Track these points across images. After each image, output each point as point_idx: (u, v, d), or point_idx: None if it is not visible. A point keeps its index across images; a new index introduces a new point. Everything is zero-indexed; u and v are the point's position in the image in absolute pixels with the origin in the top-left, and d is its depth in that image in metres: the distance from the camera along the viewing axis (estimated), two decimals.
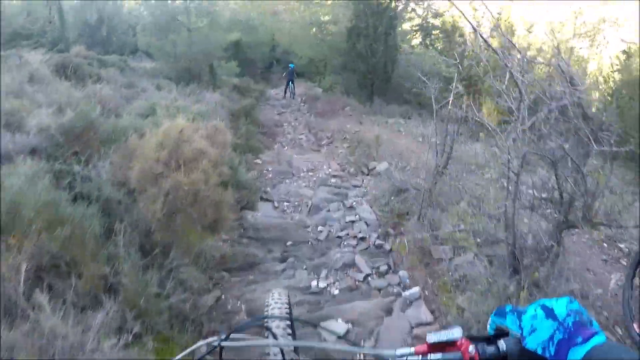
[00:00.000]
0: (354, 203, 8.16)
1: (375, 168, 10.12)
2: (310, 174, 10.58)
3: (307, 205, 8.21)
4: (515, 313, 1.29)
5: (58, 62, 13.09)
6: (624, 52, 23.61)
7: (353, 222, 7.33)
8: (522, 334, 1.23)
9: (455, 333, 1.19)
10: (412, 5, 22.16)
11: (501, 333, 1.30)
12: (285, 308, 2.62)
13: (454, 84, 7.01)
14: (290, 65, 23.48)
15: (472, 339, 1.21)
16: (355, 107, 17.31)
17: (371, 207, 7.84)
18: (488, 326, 1.32)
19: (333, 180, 10.03)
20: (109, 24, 25.41)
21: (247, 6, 24.34)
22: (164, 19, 17.54)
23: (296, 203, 8.43)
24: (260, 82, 27.15)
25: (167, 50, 17.10)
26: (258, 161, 11.17)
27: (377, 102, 16.29)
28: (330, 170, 10.81)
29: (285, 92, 23.21)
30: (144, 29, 17.42)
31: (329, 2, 19.47)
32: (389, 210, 7.33)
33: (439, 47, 23.36)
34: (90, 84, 11.81)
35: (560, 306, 1.24)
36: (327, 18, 19.53)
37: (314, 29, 19.53)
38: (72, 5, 25.22)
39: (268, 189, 9.41)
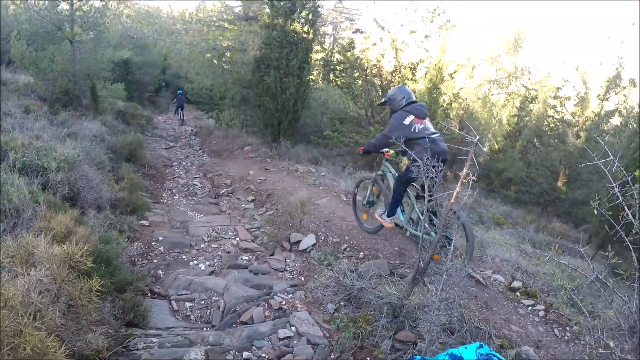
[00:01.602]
0: (284, 303, 5.94)
1: (299, 242, 7.89)
2: (214, 245, 8.24)
3: (219, 308, 5.91)
4: None
5: None
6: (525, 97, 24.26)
7: (290, 341, 5.14)
8: None
9: None
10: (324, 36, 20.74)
11: None
12: None
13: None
14: (179, 91, 23.33)
15: None
16: (258, 148, 15.29)
17: (311, 315, 5.62)
18: None
19: (245, 257, 7.77)
20: None
21: (142, 22, 21.85)
22: (42, 27, 14.64)
23: (202, 302, 6.09)
24: (148, 106, 24.95)
25: (43, 65, 14.13)
26: (144, 223, 8.73)
27: (283, 144, 14.22)
28: (238, 239, 8.52)
29: (180, 121, 23.38)
30: (19, 37, 14.47)
31: (235, 27, 17.26)
32: (342, 326, 5.15)
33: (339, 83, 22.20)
34: None
35: (469, 353, 1.41)
36: (230, 44, 17.32)
37: (215, 55, 17.26)
38: None
39: (160, 272, 7.01)
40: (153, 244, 7.96)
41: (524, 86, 24.88)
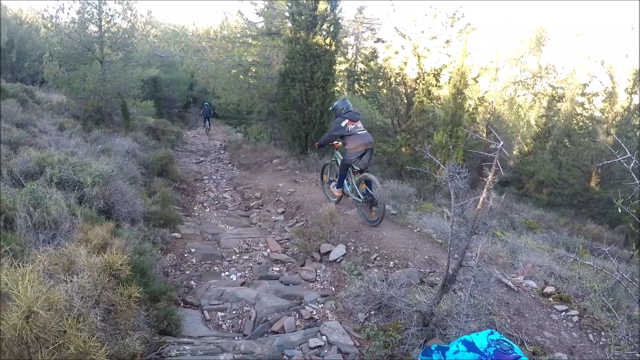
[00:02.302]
0: (315, 313, 5.99)
1: (329, 253, 7.94)
2: (245, 257, 8.35)
3: (251, 317, 5.99)
4: (440, 350, 1.64)
5: None
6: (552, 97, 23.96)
7: (321, 350, 5.18)
8: None
9: None
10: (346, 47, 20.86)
11: None
12: None
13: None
14: (205, 103, 24.73)
15: None
16: (286, 161, 15.40)
17: (341, 324, 5.66)
18: None
19: (276, 268, 7.86)
20: (20, 49, 23.21)
21: (168, 41, 22.25)
22: (73, 48, 15.00)
23: (234, 312, 6.18)
24: (177, 122, 25.33)
25: (75, 84, 14.52)
26: (177, 235, 8.88)
27: (311, 155, 14.29)
28: (269, 251, 8.62)
29: (206, 130, 25.36)
30: (51, 58, 14.88)
31: (258, 42, 17.45)
32: (373, 334, 5.18)
33: (364, 92, 22.24)
34: None
35: (481, 339, 1.50)
36: (255, 59, 17.50)
37: (241, 71, 17.44)
38: None
39: (192, 283, 7.14)
40: (185, 255, 8.10)
41: (550, 85, 24.58)
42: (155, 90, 23.89)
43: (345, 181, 9.41)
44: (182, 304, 6.38)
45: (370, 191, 8.57)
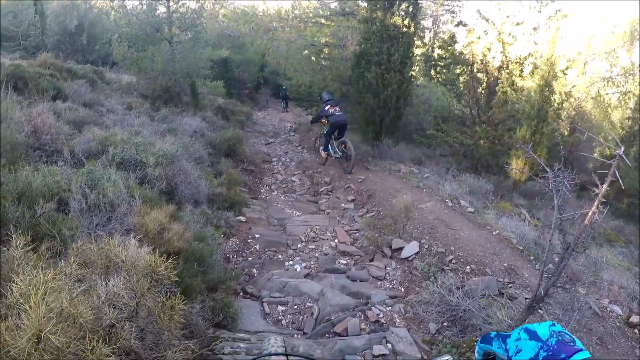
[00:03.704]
0: (381, 316, 5.47)
1: (401, 249, 7.35)
2: (312, 246, 7.90)
3: (313, 315, 5.54)
4: (500, 338, 1.53)
5: (9, 72, 10.54)
6: None
7: (384, 358, 4.66)
8: (508, 355, 1.45)
9: None
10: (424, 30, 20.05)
11: (489, 357, 1.60)
12: (282, 348, 2.50)
13: None
14: (283, 87, 25.74)
15: None
16: (358, 146, 14.87)
17: (409, 332, 5.11)
18: (476, 353, 1.66)
19: (343, 261, 7.37)
20: (90, 32, 23.52)
21: (238, 20, 21.96)
22: (142, 29, 15.00)
23: (295, 307, 5.74)
24: (247, 102, 25.19)
25: (144, 64, 14.54)
26: (241, 219, 8.54)
27: (385, 142, 13.67)
28: (336, 241, 8.12)
29: (283, 109, 27.88)
30: (120, 39, 14.86)
31: (332, 22, 16.86)
32: (444, 350, 4.60)
33: (441, 79, 21.32)
34: (44, 100, 9.53)
35: (543, 329, 1.42)
36: (328, 40, 16.93)
37: (313, 52, 16.93)
38: (54, 9, 23.70)
39: (254, 271, 6.76)
40: (249, 241, 7.76)
41: None
42: (225, 71, 23.72)
43: (329, 146, 12.91)
44: (241, 294, 6.03)
45: (345, 150, 12.22)
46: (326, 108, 12.57)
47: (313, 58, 17.08)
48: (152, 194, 6.08)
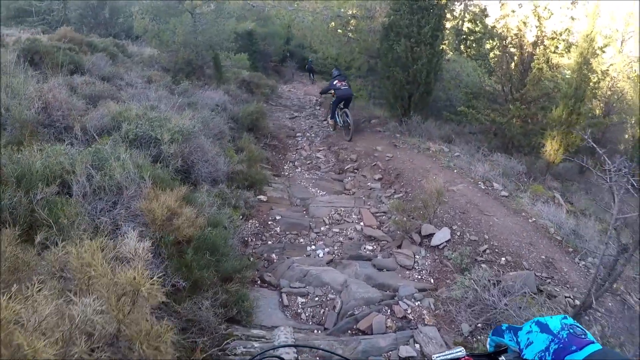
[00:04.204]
0: (409, 312, 5.03)
1: (430, 236, 6.84)
2: (335, 229, 7.45)
3: (335, 308, 5.12)
4: (512, 330, 1.53)
5: (25, 47, 10.33)
6: None
7: None
8: (519, 347, 1.45)
9: (459, 352, 1.53)
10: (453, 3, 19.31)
11: (500, 350, 1.58)
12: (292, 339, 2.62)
13: None
14: (309, 60, 26.16)
15: (475, 356, 1.57)
16: (385, 121, 14.35)
17: (440, 332, 4.66)
18: (487, 345, 1.66)
19: (369, 247, 6.93)
20: (113, 5, 23.71)
21: None
22: (163, 1, 14.72)
23: (317, 299, 5.33)
24: (272, 76, 24.79)
25: (165, 37, 14.21)
26: (262, 198, 8.15)
27: (414, 118, 13.09)
28: (362, 224, 7.66)
29: (311, 80, 27.84)
30: (141, 12, 14.53)
31: None
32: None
33: (471, 53, 20.55)
34: (61, 74, 9.19)
35: (554, 321, 1.41)
36: (355, 11, 16.30)
37: (339, 24, 16.36)
38: None
39: (274, 256, 6.37)
40: (269, 223, 7.37)
41: None
42: (250, 44, 23.34)
43: (336, 115, 14.06)
44: (258, 282, 5.64)
45: (347, 119, 13.29)
46: (334, 82, 13.66)
47: (339, 30, 16.53)
48: (165, 173, 5.69)
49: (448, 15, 19.00)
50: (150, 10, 14.85)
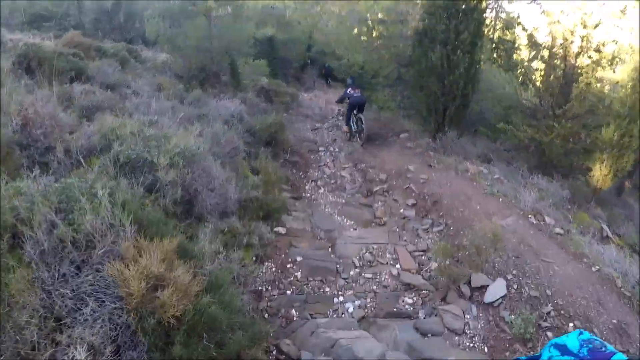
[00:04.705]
0: None
1: (482, 288, 5.58)
2: (368, 274, 6.22)
3: None
4: None
5: (22, 53, 9.43)
6: None
7: None
8: None
9: None
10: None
11: None
12: None
13: None
14: (327, 65, 25.70)
15: None
16: (416, 136, 13.08)
17: None
18: None
19: (408, 299, 5.70)
20: (128, 9, 23.44)
21: None
22: (177, 4, 13.96)
23: None
24: (292, 83, 23.80)
25: (178, 41, 13.38)
26: (280, 230, 6.94)
27: (449, 134, 11.72)
28: (399, 267, 6.44)
29: (327, 85, 27.51)
30: (154, 15, 13.65)
31: None
32: None
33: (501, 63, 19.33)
34: (59, 82, 8.31)
35: (572, 340, 1.43)
36: (383, 16, 15.04)
37: (365, 29, 15.18)
38: None
39: (293, 312, 5.15)
40: (288, 266, 6.17)
41: None
42: (270, 50, 22.47)
43: (351, 121, 13.86)
44: (274, 352, 4.41)
45: (362, 125, 13.26)
46: (348, 90, 14.08)
47: (364, 38, 15.38)
48: (158, 211, 4.51)
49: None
50: (162, 13, 14.02)
